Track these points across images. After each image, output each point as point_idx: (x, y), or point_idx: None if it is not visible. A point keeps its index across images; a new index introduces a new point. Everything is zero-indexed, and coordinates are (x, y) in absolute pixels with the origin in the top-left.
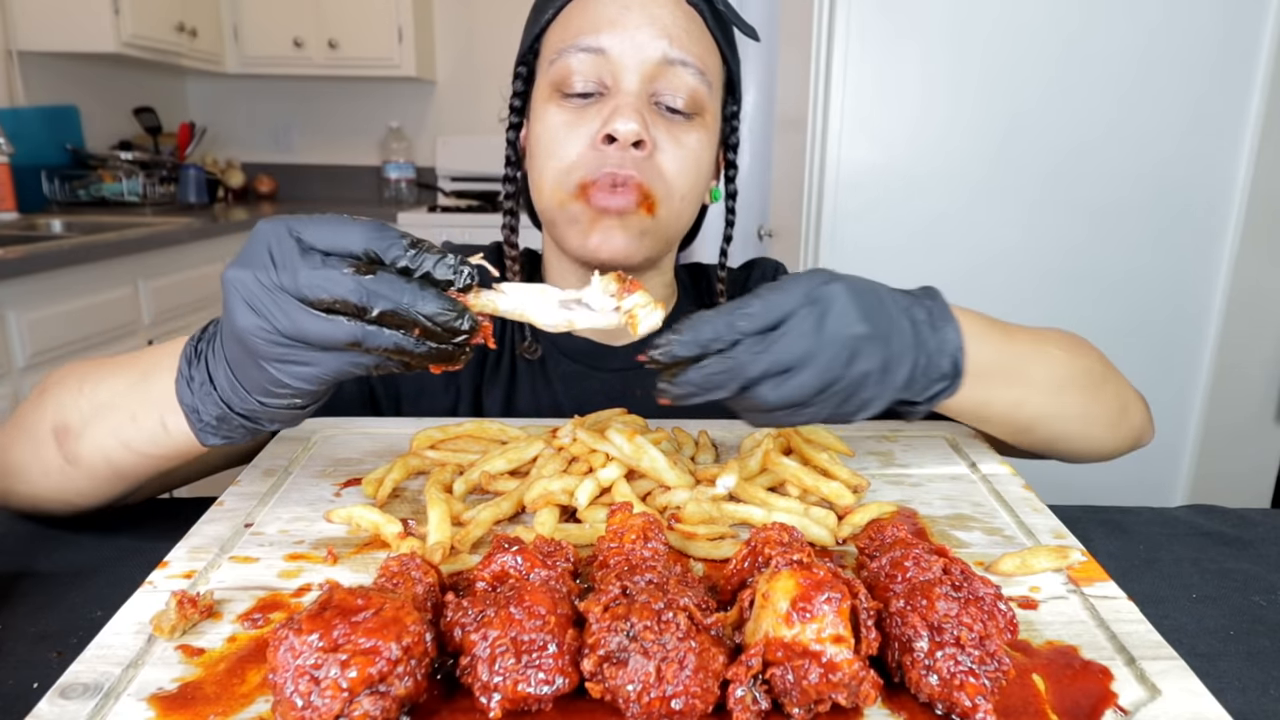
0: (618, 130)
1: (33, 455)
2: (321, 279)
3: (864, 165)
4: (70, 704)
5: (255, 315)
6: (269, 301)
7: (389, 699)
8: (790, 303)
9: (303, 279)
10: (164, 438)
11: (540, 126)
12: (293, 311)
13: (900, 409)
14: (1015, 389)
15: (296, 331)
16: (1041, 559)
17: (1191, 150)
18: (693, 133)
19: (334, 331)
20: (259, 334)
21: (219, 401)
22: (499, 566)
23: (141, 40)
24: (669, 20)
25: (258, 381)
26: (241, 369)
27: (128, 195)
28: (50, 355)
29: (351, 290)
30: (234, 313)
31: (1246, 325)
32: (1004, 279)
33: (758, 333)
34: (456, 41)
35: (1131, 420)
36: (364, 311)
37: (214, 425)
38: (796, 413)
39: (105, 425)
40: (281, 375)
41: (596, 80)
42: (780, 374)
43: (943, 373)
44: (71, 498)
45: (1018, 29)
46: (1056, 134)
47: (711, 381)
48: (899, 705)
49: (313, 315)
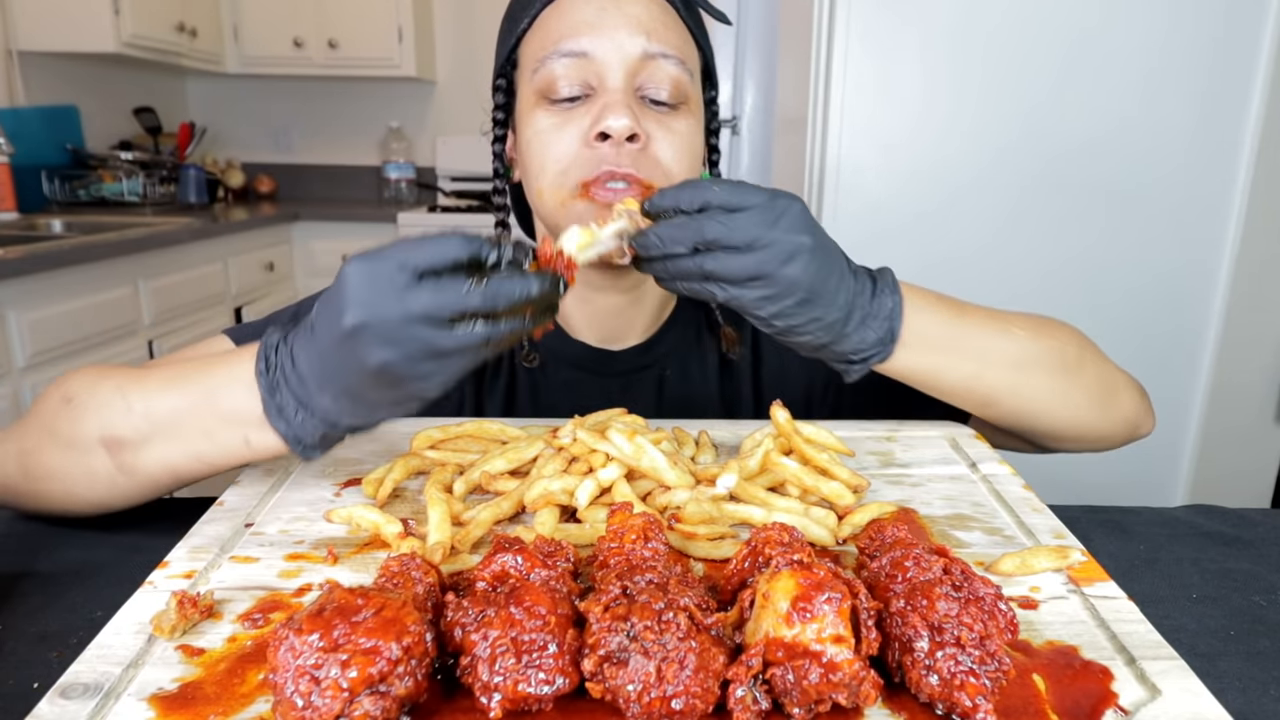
0: (610, 127)
1: (75, 463)
2: (449, 298)
3: (864, 165)
4: (70, 704)
5: (395, 346)
6: (402, 331)
7: (389, 699)
8: (756, 197)
9: (430, 302)
10: (246, 452)
11: (530, 133)
12: (429, 334)
13: (838, 365)
14: (968, 362)
15: (437, 350)
16: (1041, 559)
17: (1192, 150)
18: (680, 120)
19: (469, 339)
20: (402, 363)
21: (319, 424)
22: (499, 566)
23: (141, 40)
24: (645, 16)
25: (392, 399)
26: (368, 395)
27: (128, 195)
28: (50, 355)
29: (479, 302)
30: (367, 354)
31: (1247, 325)
32: (1004, 278)
33: (723, 208)
34: (456, 41)
35: (1122, 405)
36: (489, 315)
37: (317, 444)
38: (725, 288)
39: (172, 442)
40: (423, 389)
41: (582, 83)
42: (728, 249)
43: (878, 336)
44: (115, 502)
45: (1018, 29)
46: (1056, 134)
47: (674, 236)
48: (899, 705)
49: (447, 332)
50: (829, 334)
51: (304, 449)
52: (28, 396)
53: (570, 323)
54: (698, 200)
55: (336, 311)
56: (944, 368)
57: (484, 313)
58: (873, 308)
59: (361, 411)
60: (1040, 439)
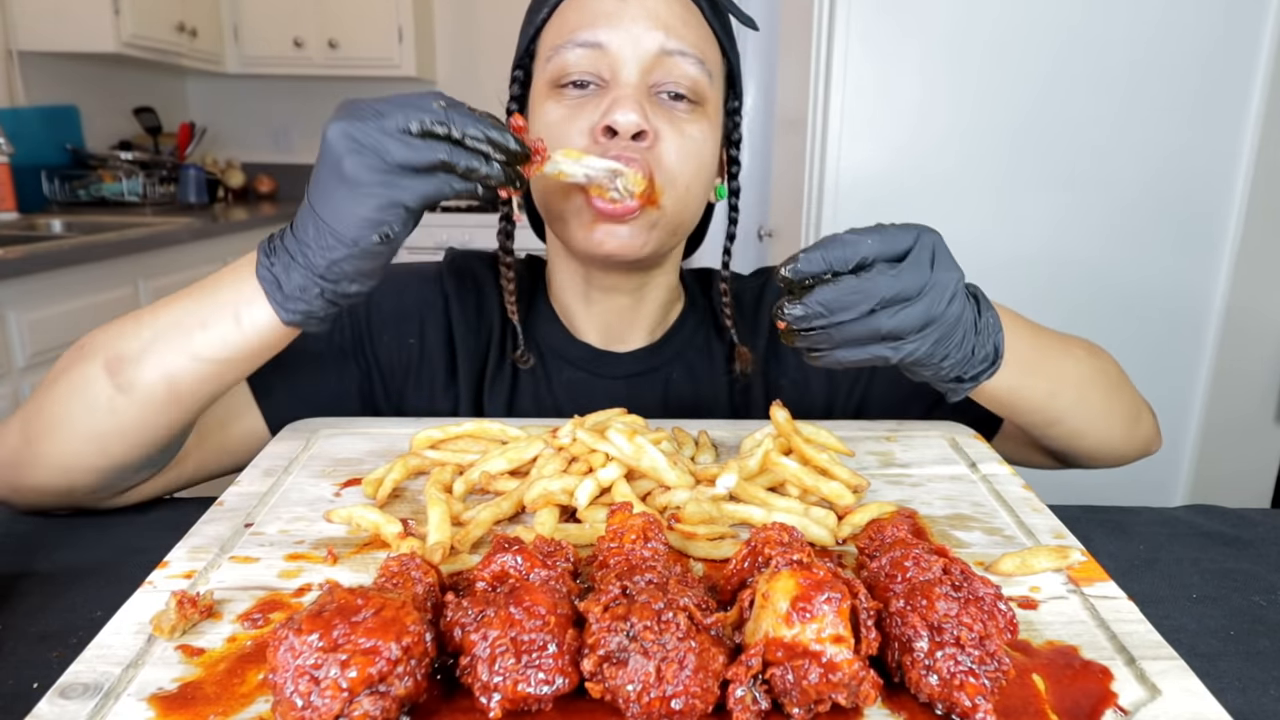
0: (617, 122)
1: (75, 398)
2: (414, 114)
3: (864, 166)
4: (70, 704)
5: (362, 151)
6: (376, 138)
7: (389, 699)
8: (909, 238)
9: (400, 117)
10: (235, 333)
11: (540, 124)
12: (395, 142)
13: (947, 385)
14: (1047, 380)
15: (401, 158)
16: (1041, 559)
17: (1193, 151)
18: (694, 123)
19: (429, 152)
20: (366, 167)
21: (303, 269)
22: (499, 566)
23: (141, 40)
24: (665, 12)
25: (355, 216)
26: (344, 209)
27: (128, 195)
28: (50, 355)
29: (440, 118)
30: (342, 154)
31: (1246, 325)
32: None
33: (885, 259)
34: (456, 41)
35: (1144, 427)
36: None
37: (295, 295)
38: (899, 346)
39: (169, 343)
40: (381, 200)
41: (595, 74)
42: (899, 303)
43: (987, 352)
44: (110, 442)
45: (1018, 29)
46: (1056, 134)
47: (845, 300)
48: (899, 705)
49: (411, 143)
50: (963, 358)
51: (283, 299)
52: (27, 396)
53: (574, 323)
54: (854, 257)
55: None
56: (1029, 387)
57: (446, 135)
58: (981, 324)
59: (330, 243)
60: (1075, 458)
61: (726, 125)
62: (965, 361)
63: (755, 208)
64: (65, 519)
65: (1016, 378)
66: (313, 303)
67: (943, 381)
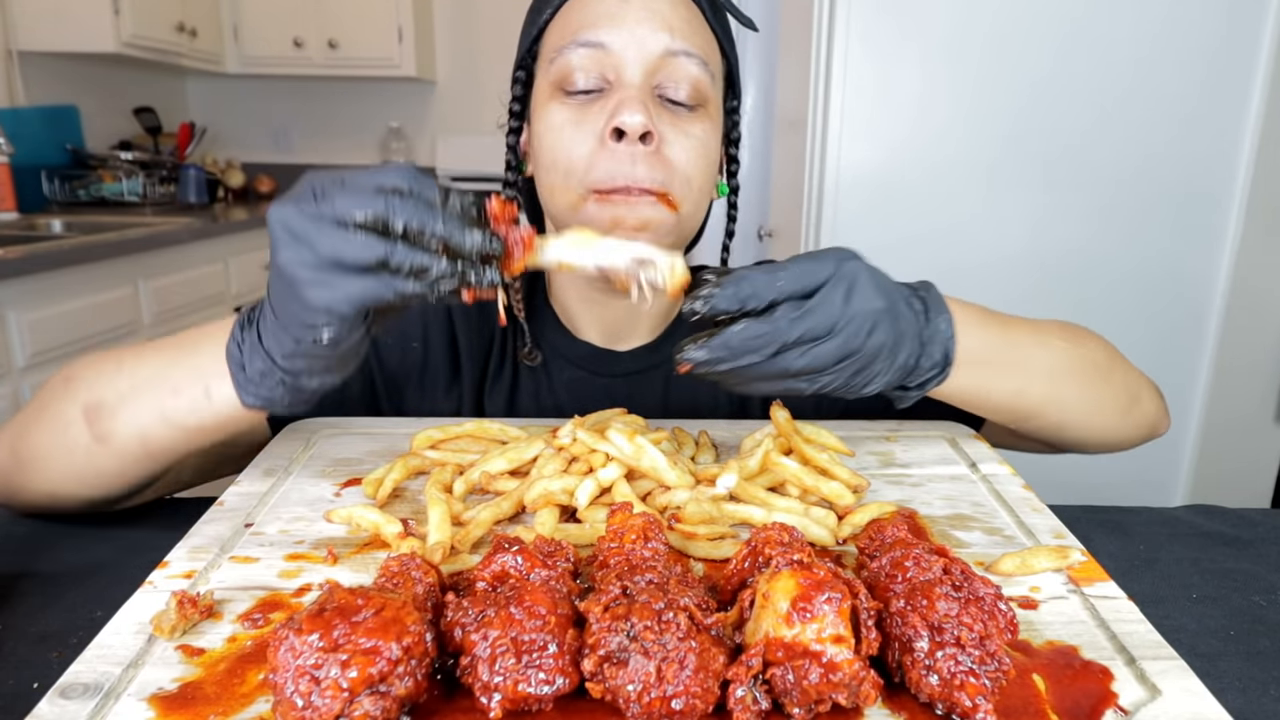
0: (625, 124)
1: (57, 438)
2: (355, 201)
3: (864, 165)
4: (70, 704)
5: (295, 243)
6: (308, 228)
7: (389, 699)
8: (823, 272)
9: (339, 204)
10: (205, 406)
11: (543, 126)
12: (328, 234)
13: (892, 394)
14: (1014, 378)
15: (332, 253)
16: (1041, 559)
17: (1191, 150)
18: (698, 123)
19: (364, 250)
20: (296, 262)
21: (264, 355)
22: (499, 566)
23: (141, 40)
24: (669, 13)
25: (296, 315)
26: (282, 305)
27: (128, 195)
28: (50, 355)
29: (381, 208)
30: (277, 245)
31: (1246, 325)
32: (1003, 278)
33: (795, 298)
34: (456, 41)
35: (1144, 408)
36: (390, 233)
37: (256, 380)
38: (814, 379)
39: (144, 400)
40: (316, 301)
41: (599, 75)
42: (810, 341)
43: (934, 361)
44: (90, 481)
45: (1017, 28)
46: (1056, 132)
47: (750, 345)
48: (899, 705)
49: (346, 237)
50: (900, 376)
51: (244, 381)
52: (28, 396)
53: (575, 323)
54: (766, 296)
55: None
56: (992, 386)
57: (388, 229)
58: (928, 333)
59: (281, 337)
60: (1066, 446)
61: (726, 124)
62: (906, 373)
63: (755, 208)
64: (65, 519)
65: (974, 379)
66: (274, 391)
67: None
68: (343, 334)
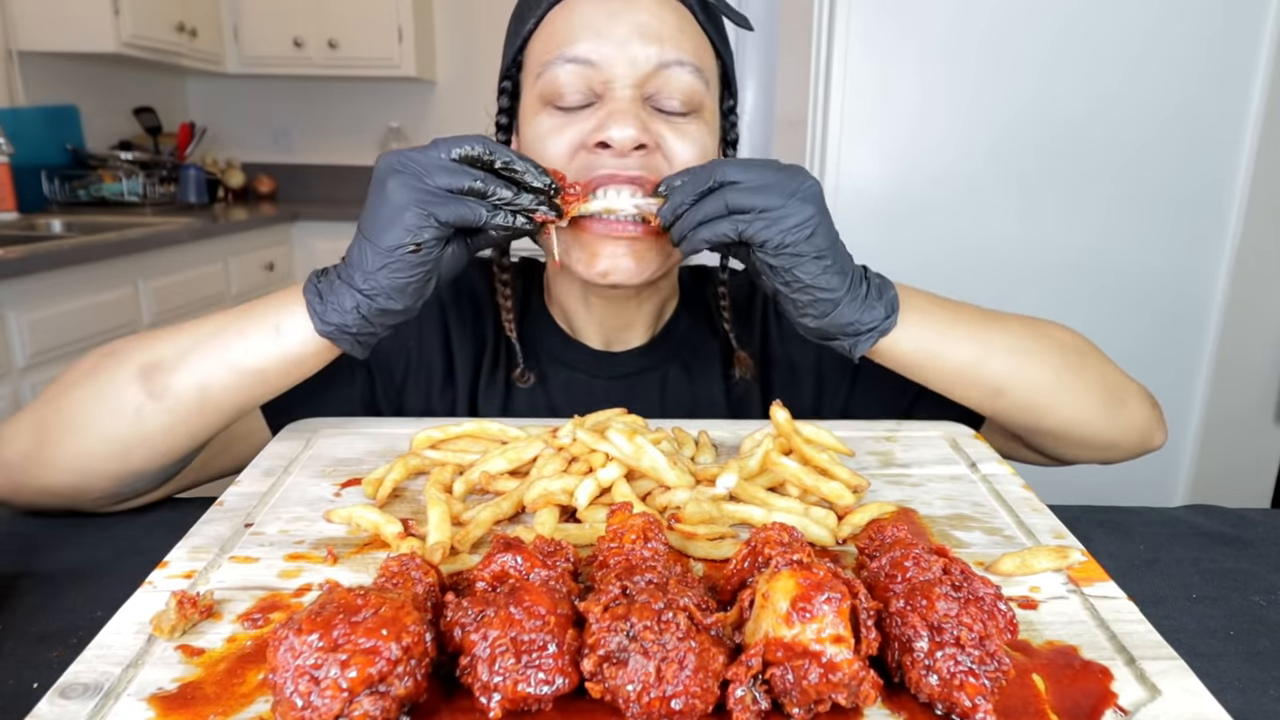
0: (613, 137)
1: (103, 402)
2: (456, 143)
3: (864, 165)
4: (70, 704)
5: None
6: (415, 163)
7: (389, 699)
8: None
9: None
10: (273, 344)
11: (530, 136)
12: (432, 166)
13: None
14: (971, 345)
15: (436, 179)
16: (1041, 559)
17: (1192, 149)
18: (692, 126)
19: (463, 176)
20: (403, 186)
21: (344, 283)
22: (499, 566)
23: (141, 40)
24: (657, 24)
25: (391, 227)
26: (377, 225)
27: (128, 195)
28: (50, 355)
29: (478, 145)
30: (384, 177)
31: (1246, 325)
32: (1003, 278)
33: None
34: (456, 41)
35: (1131, 412)
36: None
37: (335, 306)
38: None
39: (206, 352)
40: (415, 213)
41: (586, 90)
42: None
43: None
44: (130, 448)
45: (1016, 28)
46: (1055, 132)
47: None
48: (899, 705)
49: (448, 166)
50: (839, 298)
51: (321, 310)
52: (28, 396)
53: (572, 325)
54: (714, 175)
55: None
56: (946, 351)
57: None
58: (871, 283)
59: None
60: (1048, 440)
61: (723, 126)
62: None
63: None
64: (65, 519)
65: (928, 338)
66: (348, 316)
67: (842, 338)
68: (437, 247)
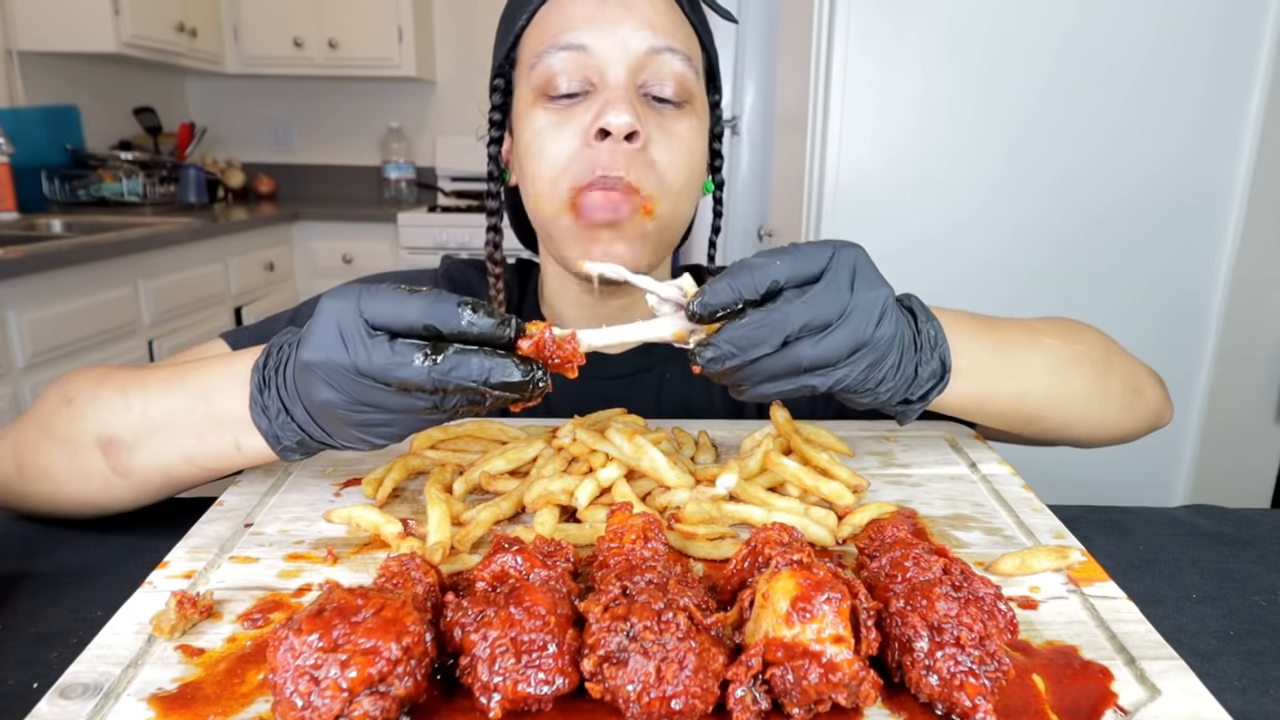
0: (611, 124)
1: (69, 462)
2: (395, 365)
3: (864, 165)
4: (70, 704)
5: (335, 391)
6: (347, 382)
7: (389, 699)
8: (823, 257)
9: (376, 363)
10: (236, 456)
11: (529, 133)
12: (370, 390)
13: (895, 409)
14: (1014, 381)
15: (378, 402)
16: (1041, 559)
17: (1192, 151)
18: (683, 121)
19: (412, 403)
20: (341, 406)
21: (297, 429)
22: (499, 566)
23: (141, 40)
24: (649, 10)
25: (343, 433)
26: (325, 422)
27: (128, 195)
28: (50, 355)
29: (425, 378)
30: (315, 390)
31: (1246, 325)
32: (1003, 278)
33: (796, 284)
34: (456, 41)
35: (1147, 399)
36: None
37: (294, 447)
38: (828, 374)
39: (166, 443)
40: (366, 435)
41: (582, 78)
42: (818, 329)
43: (932, 369)
44: (108, 504)
45: (1018, 29)
46: (1056, 133)
47: (756, 335)
48: (899, 705)
49: (390, 393)
50: (904, 385)
51: (282, 449)
52: (28, 396)
53: (567, 325)
54: (762, 283)
55: (301, 341)
56: (992, 391)
57: (430, 389)
58: (921, 339)
59: (323, 434)
60: (1071, 442)
61: (710, 119)
62: (908, 384)
63: (755, 208)
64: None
65: (975, 386)
66: (313, 450)
67: (890, 406)
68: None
